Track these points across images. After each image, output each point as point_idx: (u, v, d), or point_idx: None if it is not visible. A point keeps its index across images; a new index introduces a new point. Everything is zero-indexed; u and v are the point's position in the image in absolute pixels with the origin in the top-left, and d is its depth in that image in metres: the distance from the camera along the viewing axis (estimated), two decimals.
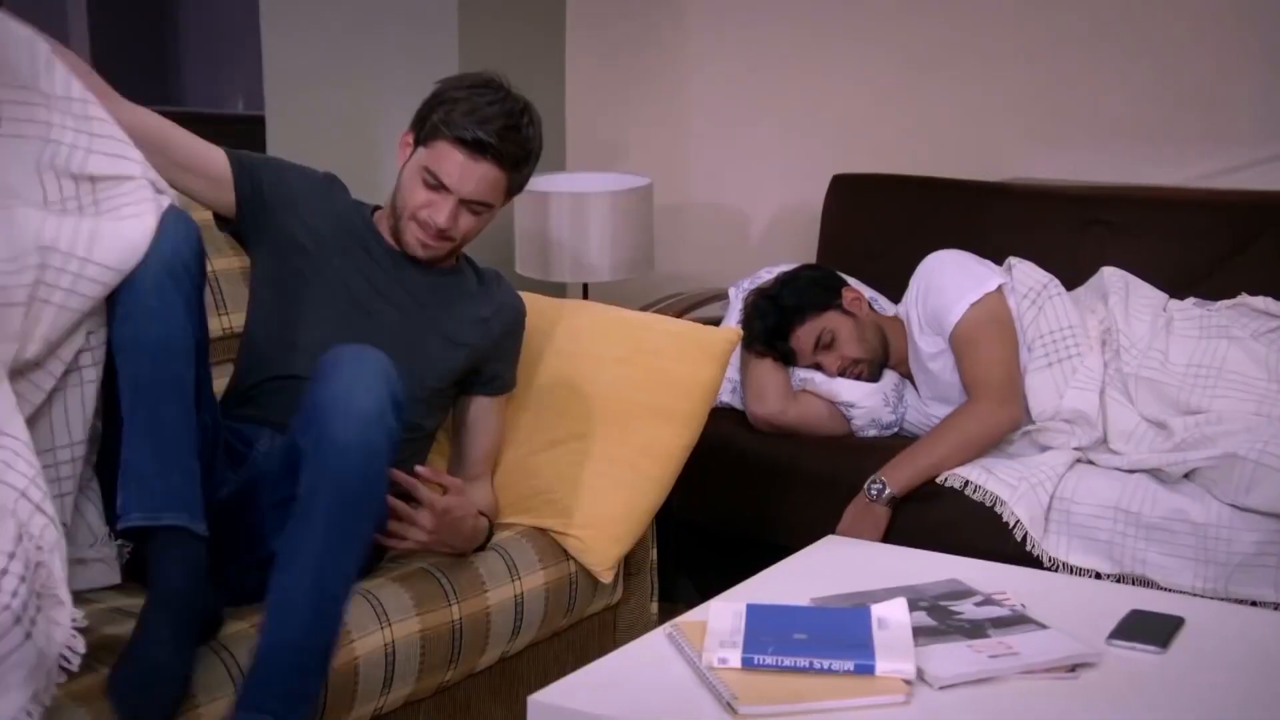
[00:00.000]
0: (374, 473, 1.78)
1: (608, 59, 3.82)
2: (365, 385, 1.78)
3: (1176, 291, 2.89)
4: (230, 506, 1.92)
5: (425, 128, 2.17)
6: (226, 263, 2.48)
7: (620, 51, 3.80)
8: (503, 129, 2.13)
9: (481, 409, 2.30)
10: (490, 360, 2.28)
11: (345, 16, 3.60)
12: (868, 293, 3.07)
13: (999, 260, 2.88)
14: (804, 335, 2.88)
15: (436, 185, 2.14)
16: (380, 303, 2.19)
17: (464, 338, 2.23)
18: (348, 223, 2.24)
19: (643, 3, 3.76)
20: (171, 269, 1.79)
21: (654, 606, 2.57)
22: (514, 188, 2.22)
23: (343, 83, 3.58)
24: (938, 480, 2.67)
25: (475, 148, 2.12)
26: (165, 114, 2.18)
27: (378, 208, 2.30)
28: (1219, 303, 2.83)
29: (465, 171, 2.13)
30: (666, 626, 1.87)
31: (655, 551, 2.58)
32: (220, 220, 2.22)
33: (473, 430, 2.30)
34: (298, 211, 2.20)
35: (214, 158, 2.16)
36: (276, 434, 2.04)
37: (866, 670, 1.71)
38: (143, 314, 1.78)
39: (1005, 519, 2.59)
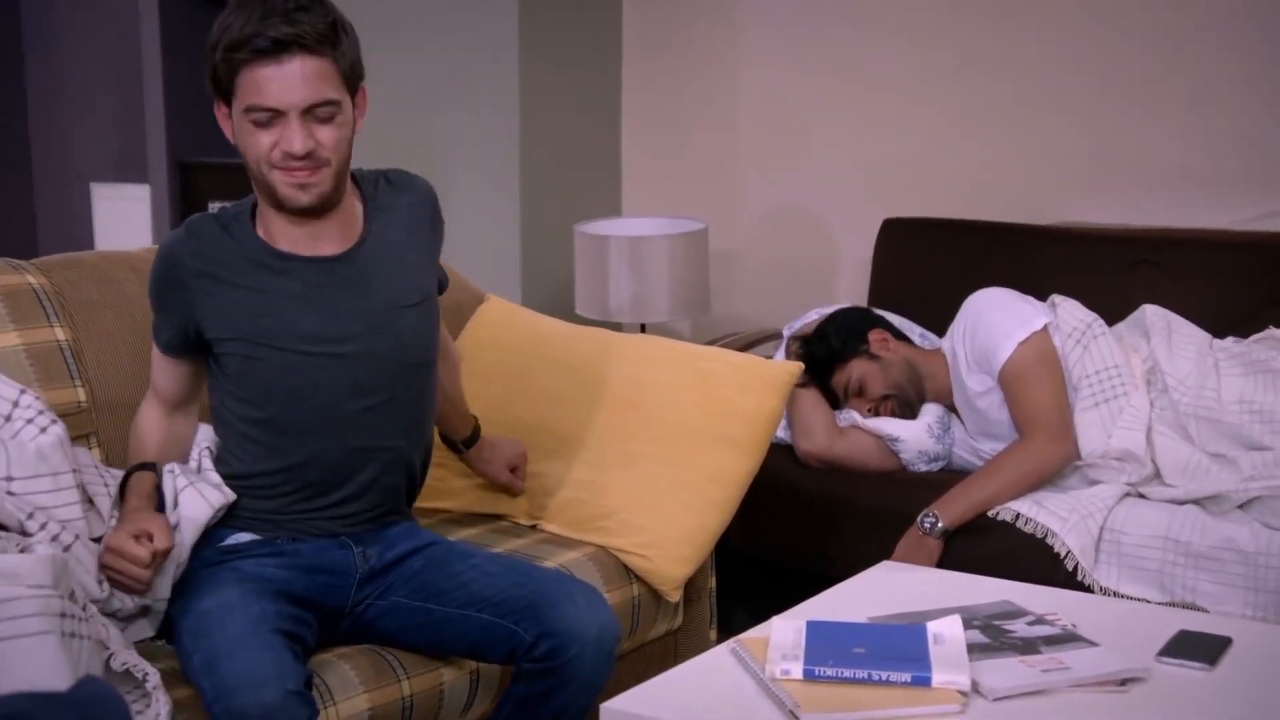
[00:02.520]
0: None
1: (663, 106, 3.93)
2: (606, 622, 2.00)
3: (1220, 331, 2.92)
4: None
5: (219, 77, 1.92)
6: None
7: (675, 99, 3.91)
8: (285, 14, 1.87)
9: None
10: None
11: (409, 82, 3.73)
12: (916, 330, 3.14)
13: (1044, 299, 2.95)
14: (835, 384, 2.99)
15: (267, 118, 1.90)
16: (335, 332, 2.03)
17: (420, 288, 2.12)
18: (238, 264, 2.03)
19: (697, 52, 3.87)
20: None
21: (713, 633, 2.64)
22: (347, 70, 1.94)
23: (409, 143, 3.70)
24: (989, 514, 2.73)
25: (276, 49, 1.86)
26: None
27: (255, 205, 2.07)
28: (1250, 338, 2.88)
29: (281, 79, 1.87)
30: (730, 642, 1.94)
31: (714, 579, 2.65)
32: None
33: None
34: (206, 312, 2.04)
35: (189, 379, 2.12)
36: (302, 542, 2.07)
37: (923, 682, 1.78)
38: None
39: (1056, 550, 2.64)
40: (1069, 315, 2.87)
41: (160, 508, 2.02)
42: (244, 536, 2.05)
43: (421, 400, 2.14)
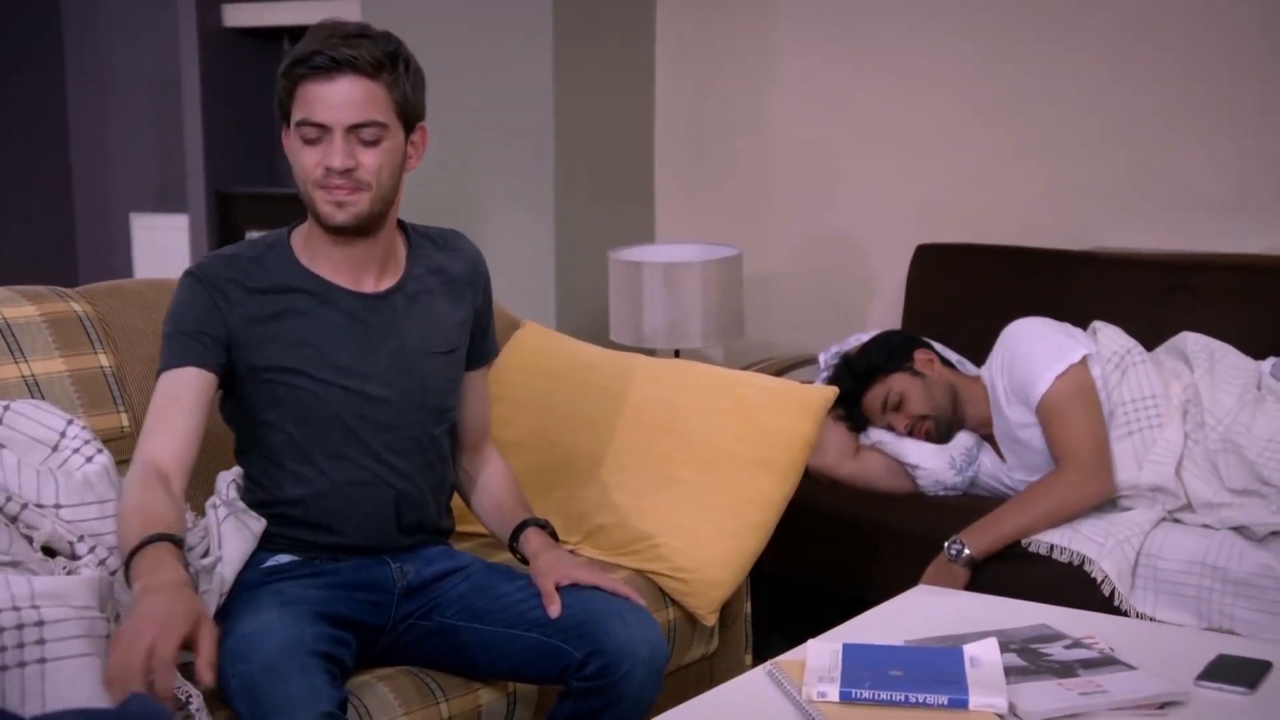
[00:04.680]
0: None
1: (696, 134, 3.95)
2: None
3: (1259, 354, 2.91)
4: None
5: (282, 97, 1.98)
6: None
7: (708, 126, 3.94)
8: (345, 38, 1.94)
9: (471, 381, 2.24)
10: (475, 334, 2.22)
11: (446, 112, 3.77)
12: (953, 357, 3.14)
13: (1083, 326, 2.94)
14: (873, 397, 2.97)
15: (316, 134, 1.95)
16: (366, 367, 2.07)
17: (449, 340, 2.15)
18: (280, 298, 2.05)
19: (731, 80, 3.90)
20: None
21: (748, 658, 2.65)
22: (400, 99, 1.99)
23: (446, 171, 3.74)
24: (1023, 544, 2.72)
25: (330, 67, 1.93)
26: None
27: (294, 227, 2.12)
28: None
29: (330, 96, 1.93)
30: (766, 665, 1.94)
31: (749, 604, 2.66)
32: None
33: (466, 401, 2.24)
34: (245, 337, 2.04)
35: (204, 413, 2.02)
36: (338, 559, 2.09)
37: (960, 705, 1.77)
38: None
39: (1093, 575, 2.63)
40: (1109, 341, 2.86)
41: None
42: (283, 558, 2.08)
43: (438, 443, 2.17)
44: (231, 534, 2.03)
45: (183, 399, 1.99)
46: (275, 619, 1.92)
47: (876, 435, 3.01)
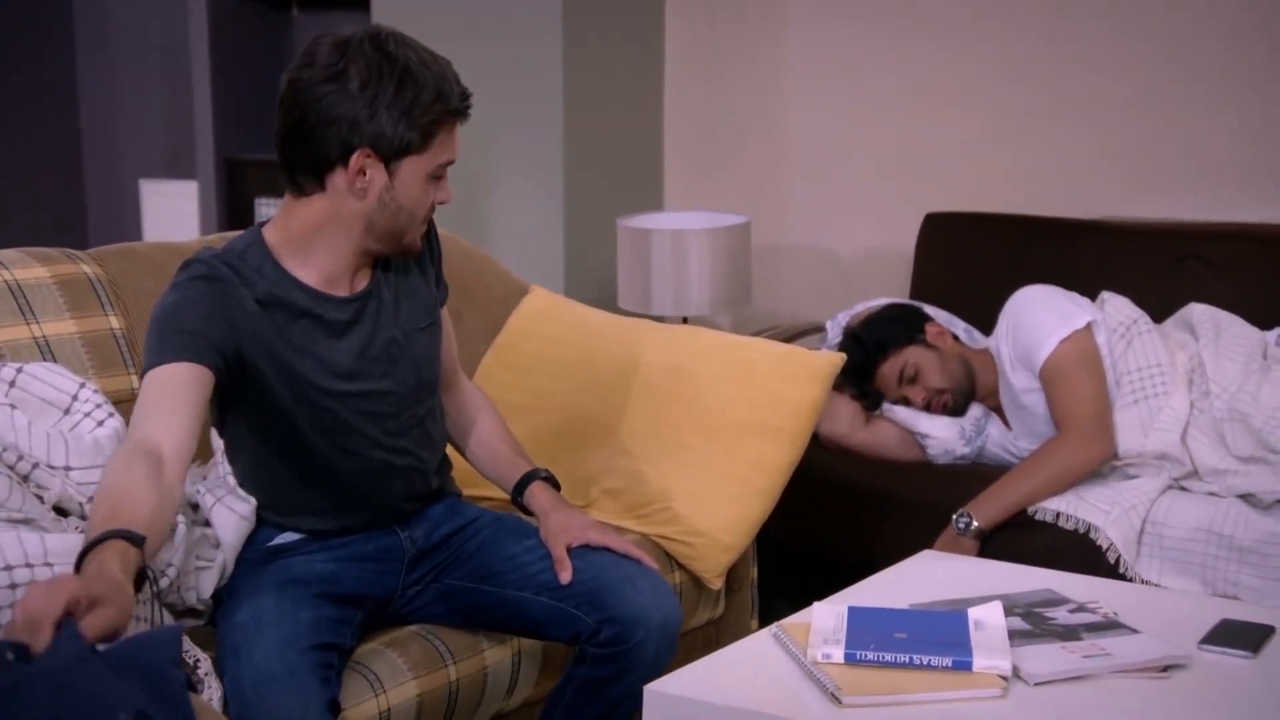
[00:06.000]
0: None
1: (705, 102, 3.95)
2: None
3: (1268, 324, 2.92)
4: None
5: (399, 138, 1.91)
6: None
7: (717, 94, 3.93)
8: (457, 77, 1.98)
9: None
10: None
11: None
12: (960, 325, 3.14)
13: (1091, 296, 2.95)
14: (888, 371, 2.97)
15: (441, 173, 1.99)
16: (365, 367, 2.03)
17: (428, 309, 2.13)
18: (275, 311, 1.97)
19: (739, 48, 3.89)
20: None
21: (754, 624, 2.66)
22: None
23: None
24: (1029, 512, 2.73)
25: (462, 112, 1.97)
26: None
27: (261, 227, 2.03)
28: None
29: (457, 138, 2.00)
30: (772, 627, 1.96)
31: (756, 569, 2.67)
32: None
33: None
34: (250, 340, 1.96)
35: (202, 409, 1.90)
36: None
37: (964, 666, 1.79)
38: None
39: (1099, 543, 2.65)
40: (1116, 311, 2.87)
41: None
42: (291, 535, 2.06)
43: (433, 414, 2.16)
44: (221, 521, 2.00)
45: (180, 391, 1.85)
46: (272, 605, 1.89)
47: (887, 405, 3.01)
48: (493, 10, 3.76)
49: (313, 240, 1.98)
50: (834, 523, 3.00)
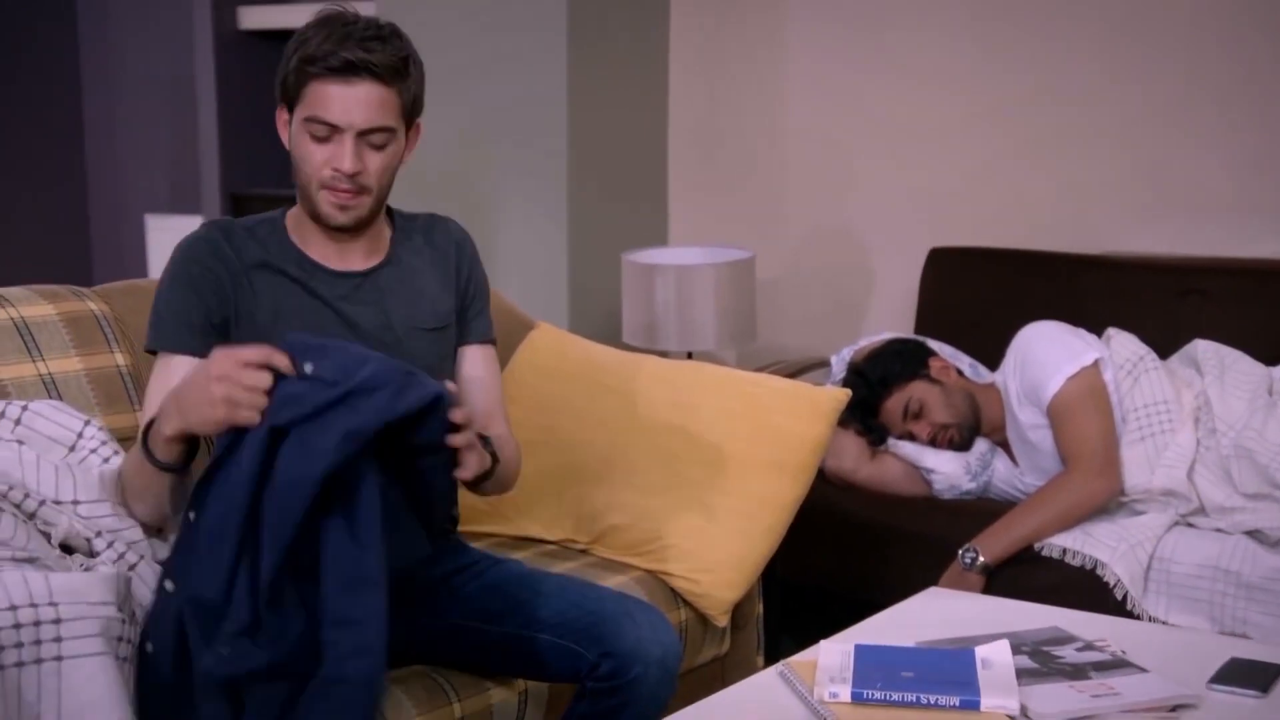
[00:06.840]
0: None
1: (709, 137, 3.96)
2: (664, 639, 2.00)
3: (1271, 361, 2.92)
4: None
5: (288, 85, 1.98)
6: None
7: (721, 129, 3.95)
8: (364, 40, 1.94)
9: (466, 359, 2.20)
10: (465, 310, 2.19)
11: (460, 113, 3.78)
12: (965, 360, 3.14)
13: (1097, 331, 2.95)
14: (892, 406, 2.97)
15: (326, 133, 1.96)
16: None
17: (438, 316, 2.14)
18: (269, 276, 2.04)
19: (743, 82, 3.90)
20: None
21: (760, 660, 2.65)
22: (408, 103, 2.01)
23: (460, 173, 3.75)
24: (1035, 548, 2.72)
25: (347, 71, 1.93)
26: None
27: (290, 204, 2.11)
28: None
29: (347, 100, 1.94)
30: (778, 665, 1.95)
31: (762, 606, 2.66)
32: None
33: (463, 382, 2.17)
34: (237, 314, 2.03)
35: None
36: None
37: (971, 706, 1.78)
38: None
39: (1105, 579, 2.64)
40: (1122, 347, 2.87)
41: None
42: None
43: None
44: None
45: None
46: None
47: (892, 440, 3.01)
48: (497, 44, 3.78)
49: (302, 215, 2.07)
50: (839, 558, 2.99)
